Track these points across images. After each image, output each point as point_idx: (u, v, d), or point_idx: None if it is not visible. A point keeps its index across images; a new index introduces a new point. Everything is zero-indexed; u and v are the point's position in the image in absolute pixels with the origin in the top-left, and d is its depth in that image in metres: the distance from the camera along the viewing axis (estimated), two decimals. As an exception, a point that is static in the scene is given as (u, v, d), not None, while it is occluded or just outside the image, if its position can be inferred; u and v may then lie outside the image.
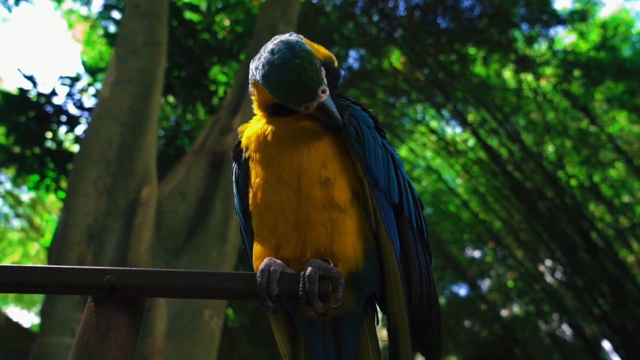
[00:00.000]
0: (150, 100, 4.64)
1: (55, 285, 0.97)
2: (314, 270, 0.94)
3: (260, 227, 1.08)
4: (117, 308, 0.96)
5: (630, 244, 9.42)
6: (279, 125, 1.08)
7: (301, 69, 0.97)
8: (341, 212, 1.02)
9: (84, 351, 0.91)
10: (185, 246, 4.17)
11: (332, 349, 1.08)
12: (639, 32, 10.09)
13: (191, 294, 0.97)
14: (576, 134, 9.31)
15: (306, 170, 1.03)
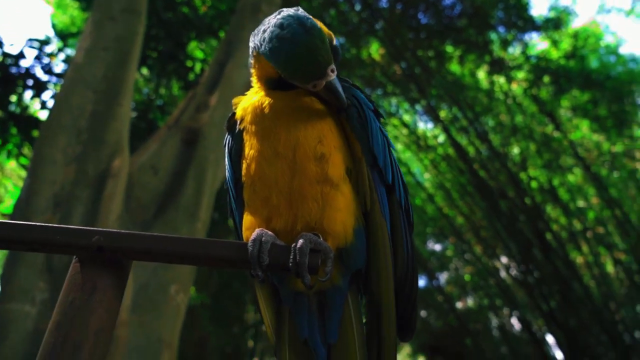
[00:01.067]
0: (126, 70, 4.55)
1: (40, 243, 0.98)
2: (305, 243, 0.96)
3: (253, 198, 1.09)
4: (103, 270, 0.98)
5: (581, 246, 9.90)
6: (277, 99, 1.10)
7: (313, 46, 0.98)
8: (333, 187, 1.05)
9: (68, 310, 0.92)
10: (155, 221, 4.15)
11: (316, 321, 1.11)
12: (606, 45, 10.50)
13: (180, 259, 0.99)
14: (541, 138, 9.66)
15: (302, 144, 1.05)
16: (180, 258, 1.00)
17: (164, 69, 7.59)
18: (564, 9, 9.57)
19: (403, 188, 1.18)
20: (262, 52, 1.05)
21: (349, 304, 1.12)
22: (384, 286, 1.08)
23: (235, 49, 5.59)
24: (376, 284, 1.09)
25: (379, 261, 1.08)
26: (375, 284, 1.09)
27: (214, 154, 4.80)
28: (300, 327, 1.11)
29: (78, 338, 0.90)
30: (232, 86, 5.28)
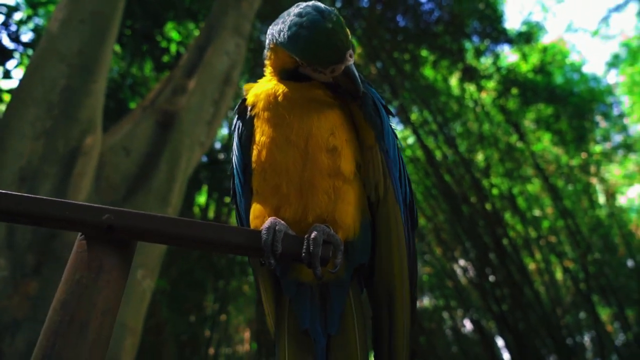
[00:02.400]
0: (103, 45, 4.40)
1: (47, 218, 0.95)
2: (319, 234, 0.97)
3: (262, 185, 1.10)
4: (110, 249, 0.96)
5: (534, 253, 10.34)
6: (291, 88, 1.10)
7: (331, 31, 0.99)
8: (345, 181, 1.07)
9: (75, 288, 0.91)
10: (124, 203, 4.04)
11: (318, 313, 1.12)
12: (571, 63, 10.96)
13: (191, 243, 0.99)
14: (505, 147, 9.99)
15: (315, 135, 1.06)
16: (192, 242, 0.99)
17: (137, 48, 7.38)
18: (535, 25, 9.91)
19: (409, 185, 1.21)
20: (280, 41, 1.06)
21: (350, 297, 1.14)
22: (398, 277, 1.10)
23: (216, 35, 5.51)
24: (388, 275, 1.10)
25: (392, 251, 1.10)
26: (387, 275, 1.10)
27: (189, 139, 4.72)
28: (301, 317, 1.12)
29: (85, 318, 0.89)
30: (211, 72, 5.20)
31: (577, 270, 10.14)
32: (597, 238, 9.81)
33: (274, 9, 9.11)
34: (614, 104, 10.80)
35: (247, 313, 12.65)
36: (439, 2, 9.66)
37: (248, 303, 12.45)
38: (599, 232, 9.91)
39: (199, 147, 4.97)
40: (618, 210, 10.65)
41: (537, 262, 10.31)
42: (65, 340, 0.86)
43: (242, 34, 5.86)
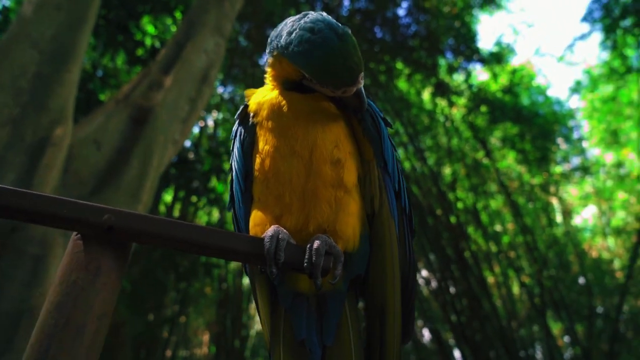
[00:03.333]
0: (79, 34, 4.26)
1: (44, 215, 0.91)
2: (321, 244, 0.97)
3: (265, 194, 1.09)
4: (108, 250, 0.93)
5: (494, 267, 10.64)
6: (295, 99, 1.10)
7: (347, 53, 0.98)
8: (347, 193, 1.07)
9: (71, 290, 0.87)
10: (92, 198, 3.91)
11: (314, 323, 1.11)
12: (537, 85, 11.40)
13: (192, 247, 0.96)
14: (471, 163, 10.27)
15: (319, 147, 1.06)
16: (193, 247, 0.97)
17: (111, 39, 7.18)
18: (506, 46, 10.26)
19: (407, 195, 1.22)
20: (288, 54, 1.04)
21: (346, 308, 1.13)
22: (390, 289, 1.10)
23: (196, 32, 5.43)
24: (380, 288, 1.11)
25: (385, 264, 1.10)
26: (380, 288, 1.11)
27: (163, 136, 4.62)
28: (297, 328, 1.11)
29: (81, 321, 0.86)
30: (189, 69, 5.12)
31: (533, 285, 10.50)
32: (553, 255, 10.20)
33: (254, 10, 9.08)
34: (575, 127, 11.32)
35: (207, 315, 12.43)
36: (417, 18, 9.87)
37: (209, 305, 12.24)
38: (554, 250, 10.30)
39: (172, 145, 4.87)
40: (573, 230, 11.12)
41: (496, 276, 10.61)
42: (60, 344, 0.82)
43: (223, 33, 5.80)
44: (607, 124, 10.67)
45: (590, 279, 10.12)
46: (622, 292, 8.87)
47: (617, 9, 9.56)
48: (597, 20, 9.76)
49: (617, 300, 9.02)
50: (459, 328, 10.26)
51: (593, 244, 11.08)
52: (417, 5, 9.89)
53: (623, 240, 10.35)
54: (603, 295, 9.76)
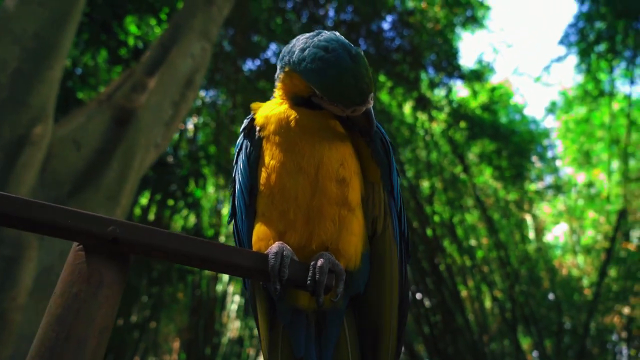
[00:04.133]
0: (62, 31, 4.17)
1: (47, 225, 0.89)
2: (325, 262, 0.98)
3: (270, 209, 1.08)
4: (111, 263, 0.91)
5: (467, 281, 10.80)
6: (303, 116, 1.10)
7: (359, 74, 1.00)
8: (350, 212, 1.07)
9: (72, 303, 0.85)
10: (70, 199, 3.81)
11: (313, 340, 1.11)
12: (515, 104, 11.69)
13: (196, 262, 0.95)
14: (449, 177, 10.43)
15: (325, 164, 1.06)
16: (198, 261, 0.96)
17: (93, 37, 7.05)
18: (486, 64, 10.51)
19: (405, 220, 1.24)
20: (300, 70, 1.05)
21: (345, 325, 1.13)
22: (387, 309, 1.11)
23: (182, 36, 5.38)
24: (377, 307, 1.12)
25: (384, 285, 1.11)
26: (377, 308, 1.12)
27: (145, 139, 4.55)
28: (296, 344, 1.10)
29: (83, 334, 0.83)
30: (174, 73, 5.07)
31: (504, 299, 10.68)
32: (524, 270, 10.41)
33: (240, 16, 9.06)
34: (549, 146, 11.64)
35: (178, 322, 12.20)
36: (401, 32, 10.02)
37: (181, 311, 12.02)
38: (526, 265, 10.51)
39: (154, 148, 4.80)
40: (545, 246, 11.39)
41: (469, 290, 10.76)
42: (61, 358, 0.80)
43: (209, 38, 5.77)
44: (579, 145, 11.02)
45: (559, 295, 10.36)
46: (590, 309, 9.11)
47: (592, 34, 9.92)
48: (573, 44, 10.10)
49: (585, 317, 9.26)
50: (432, 341, 10.35)
51: (563, 261, 11.37)
52: (401, 20, 10.05)
53: (592, 259, 10.65)
54: (571, 312, 10.01)
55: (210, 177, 10.88)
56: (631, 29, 9.48)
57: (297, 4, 10.15)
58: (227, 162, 11.46)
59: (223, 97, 11.85)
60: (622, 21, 9.35)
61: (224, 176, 11.70)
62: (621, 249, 9.68)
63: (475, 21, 10.14)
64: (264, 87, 11.13)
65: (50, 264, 3.48)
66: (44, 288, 3.38)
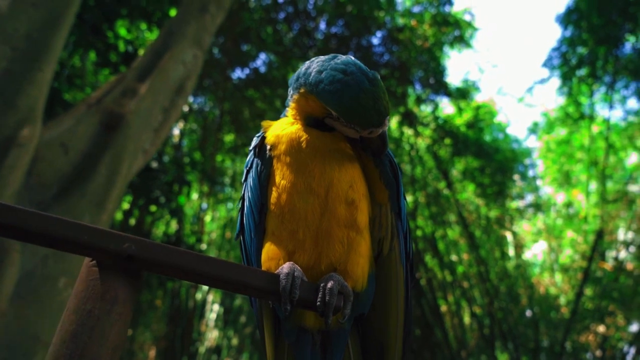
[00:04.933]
0: (54, 33, 4.12)
1: (63, 240, 0.88)
2: (335, 284, 0.99)
3: (280, 228, 1.09)
4: (124, 280, 0.90)
5: (447, 296, 10.88)
6: (315, 137, 1.11)
7: (377, 97, 1.02)
8: (359, 234, 1.09)
9: (86, 320, 0.84)
10: (54, 203, 3.74)
11: (318, 359, 1.12)
12: (498, 123, 11.92)
13: (210, 281, 0.96)
14: (432, 192, 10.55)
15: (335, 186, 1.08)
16: (212, 280, 0.96)
17: (83, 38, 6.97)
18: (472, 83, 10.71)
19: (411, 242, 1.26)
20: (317, 92, 1.07)
21: (349, 345, 1.15)
22: (392, 330, 1.13)
23: (175, 42, 5.37)
24: (382, 327, 1.13)
25: (390, 306, 1.13)
26: (381, 328, 1.14)
27: (133, 144, 4.51)
28: None
29: (96, 353, 0.83)
30: (165, 79, 5.05)
31: (483, 315, 10.79)
32: (504, 287, 10.54)
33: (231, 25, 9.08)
34: (530, 166, 11.88)
35: (155, 330, 11.98)
36: (390, 48, 10.16)
37: (158, 319, 11.82)
38: (505, 282, 10.65)
39: (142, 154, 4.75)
40: (524, 264, 11.57)
41: (449, 305, 10.84)
42: (75, 378, 0.79)
43: (202, 46, 5.77)
44: (560, 165, 11.28)
45: (537, 312, 10.51)
46: (566, 327, 9.26)
47: (574, 58, 10.21)
48: (556, 67, 10.38)
49: (562, 335, 9.40)
50: (411, 355, 10.38)
51: (541, 279, 11.56)
52: (391, 36, 10.19)
53: (569, 277, 10.85)
54: (548, 330, 10.15)
55: (195, 184, 10.79)
56: (611, 56, 9.79)
57: (289, 15, 10.21)
58: (212, 169, 11.39)
59: (210, 103, 11.81)
60: (603, 48, 9.66)
61: (208, 183, 11.62)
62: (597, 269, 9.90)
63: (462, 41, 10.34)
64: (252, 95, 11.15)
65: (32, 268, 3.40)
66: (25, 294, 3.30)
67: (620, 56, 9.71)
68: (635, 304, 9.44)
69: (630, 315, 9.55)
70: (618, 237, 10.47)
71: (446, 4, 9.63)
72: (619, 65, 9.73)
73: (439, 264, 10.69)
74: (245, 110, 11.30)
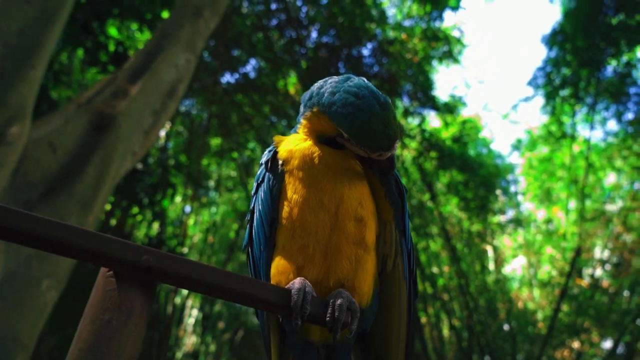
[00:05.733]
0: (47, 31, 4.06)
1: (83, 251, 0.88)
2: (344, 301, 1.01)
3: (290, 243, 1.10)
4: (140, 291, 0.91)
5: (427, 308, 10.96)
6: (327, 154, 1.14)
7: (387, 121, 1.05)
8: (366, 251, 1.11)
9: (104, 331, 0.84)
10: (41, 203, 3.68)
11: None
12: (483, 138, 12.12)
13: (221, 294, 0.97)
14: (417, 204, 10.64)
15: (346, 203, 1.10)
16: (223, 292, 0.97)
17: (73, 37, 6.89)
18: (459, 98, 10.88)
19: (414, 260, 1.28)
20: (329, 112, 1.09)
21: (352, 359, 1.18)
22: (394, 345, 1.15)
23: (168, 45, 5.34)
24: (384, 343, 1.16)
25: (393, 322, 1.15)
26: (384, 343, 1.16)
27: (123, 146, 4.46)
28: None
29: (114, 364, 0.83)
30: (158, 82, 5.01)
31: (462, 328, 10.89)
32: (483, 301, 10.67)
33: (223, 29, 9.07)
34: (513, 182, 12.11)
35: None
36: (380, 60, 10.26)
37: (135, 323, 11.62)
38: (485, 296, 10.78)
39: (131, 156, 4.71)
40: (503, 278, 11.73)
41: (429, 317, 10.91)
42: (93, 390, 0.79)
43: (195, 51, 5.75)
44: (541, 182, 11.51)
45: (514, 327, 10.65)
46: (543, 342, 9.40)
47: (558, 78, 10.47)
48: (540, 86, 10.63)
49: (538, 349, 9.55)
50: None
51: (520, 293, 11.73)
52: (381, 48, 10.30)
53: (547, 293, 11.04)
54: (525, 344, 10.30)
55: (179, 187, 10.69)
56: (593, 78, 10.07)
57: (281, 22, 10.25)
58: (197, 172, 11.31)
59: (198, 106, 11.75)
60: (586, 70, 9.93)
61: (193, 187, 11.52)
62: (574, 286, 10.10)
63: (450, 56, 10.51)
64: (241, 100, 11.13)
65: (14, 269, 3.32)
66: (6, 296, 3.22)
67: (602, 79, 9.99)
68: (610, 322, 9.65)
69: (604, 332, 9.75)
70: (595, 255, 10.71)
71: (437, 19, 9.79)
72: (600, 88, 10.01)
73: (420, 275, 10.77)
74: (233, 115, 11.27)
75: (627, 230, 10.19)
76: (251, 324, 14.63)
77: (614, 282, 10.42)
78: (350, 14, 9.75)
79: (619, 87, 9.69)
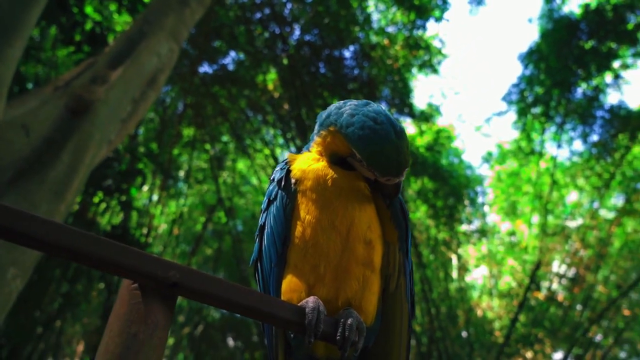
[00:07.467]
0: (27, 8, 3.88)
1: (111, 264, 0.84)
2: (354, 320, 1.04)
3: (302, 262, 1.13)
4: (164, 305, 0.89)
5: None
6: (340, 175, 1.17)
7: (401, 149, 1.08)
8: (373, 272, 1.15)
9: (132, 343, 0.82)
10: (10, 188, 3.50)
11: None
12: (455, 148, 12.37)
13: (242, 310, 0.96)
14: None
15: (356, 225, 1.13)
16: (244, 309, 0.97)
17: (47, 13, 6.58)
18: (435, 107, 11.07)
19: (412, 280, 1.31)
20: (346, 133, 1.12)
21: None
22: None
23: (151, 32, 5.20)
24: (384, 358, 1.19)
25: (393, 340, 1.19)
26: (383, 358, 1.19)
27: (100, 133, 4.30)
28: None
29: (140, 381, 0.79)
30: (138, 69, 4.87)
31: (422, 333, 11.10)
32: (444, 308, 10.90)
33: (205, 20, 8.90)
34: (480, 193, 12.42)
35: (86, 324, 11.40)
36: (361, 63, 10.32)
37: (90, 313, 11.25)
38: (446, 303, 11.02)
39: (107, 144, 4.55)
40: (465, 286, 12.03)
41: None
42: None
43: (178, 40, 5.62)
44: (507, 196, 11.86)
45: (472, 334, 10.94)
46: (498, 351, 9.70)
47: (530, 96, 10.82)
48: (513, 102, 10.96)
49: (493, 358, 9.84)
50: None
51: (480, 302, 12.06)
52: (363, 52, 10.36)
53: (506, 303, 11.39)
54: (481, 352, 10.59)
55: (148, 175, 10.42)
56: (564, 98, 10.46)
57: (265, 16, 10.15)
58: (168, 161, 11.06)
59: (172, 94, 11.49)
60: (557, 90, 10.30)
61: (162, 176, 11.26)
62: (532, 298, 10.46)
63: (430, 65, 10.68)
64: (218, 92, 10.95)
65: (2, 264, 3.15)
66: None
67: (571, 100, 10.39)
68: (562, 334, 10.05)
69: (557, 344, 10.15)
70: (553, 269, 11.13)
71: (420, 28, 9.92)
72: (569, 108, 10.41)
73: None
74: (209, 106, 11.09)
75: (585, 247, 10.63)
76: (212, 318, 14.44)
77: (568, 296, 10.86)
78: (335, 14, 9.75)
79: (587, 109, 10.09)
